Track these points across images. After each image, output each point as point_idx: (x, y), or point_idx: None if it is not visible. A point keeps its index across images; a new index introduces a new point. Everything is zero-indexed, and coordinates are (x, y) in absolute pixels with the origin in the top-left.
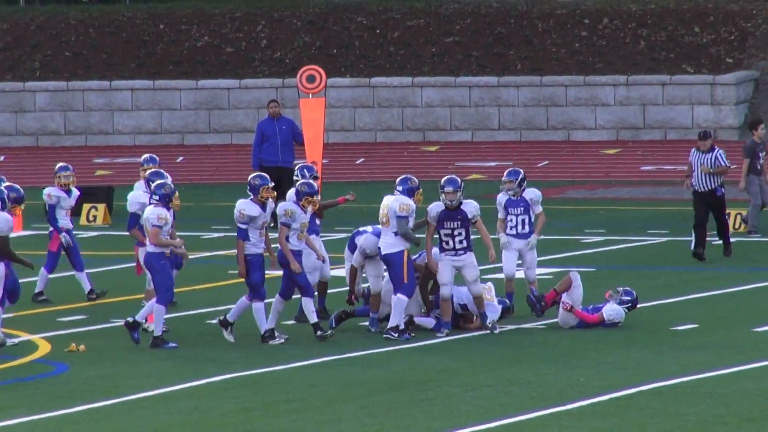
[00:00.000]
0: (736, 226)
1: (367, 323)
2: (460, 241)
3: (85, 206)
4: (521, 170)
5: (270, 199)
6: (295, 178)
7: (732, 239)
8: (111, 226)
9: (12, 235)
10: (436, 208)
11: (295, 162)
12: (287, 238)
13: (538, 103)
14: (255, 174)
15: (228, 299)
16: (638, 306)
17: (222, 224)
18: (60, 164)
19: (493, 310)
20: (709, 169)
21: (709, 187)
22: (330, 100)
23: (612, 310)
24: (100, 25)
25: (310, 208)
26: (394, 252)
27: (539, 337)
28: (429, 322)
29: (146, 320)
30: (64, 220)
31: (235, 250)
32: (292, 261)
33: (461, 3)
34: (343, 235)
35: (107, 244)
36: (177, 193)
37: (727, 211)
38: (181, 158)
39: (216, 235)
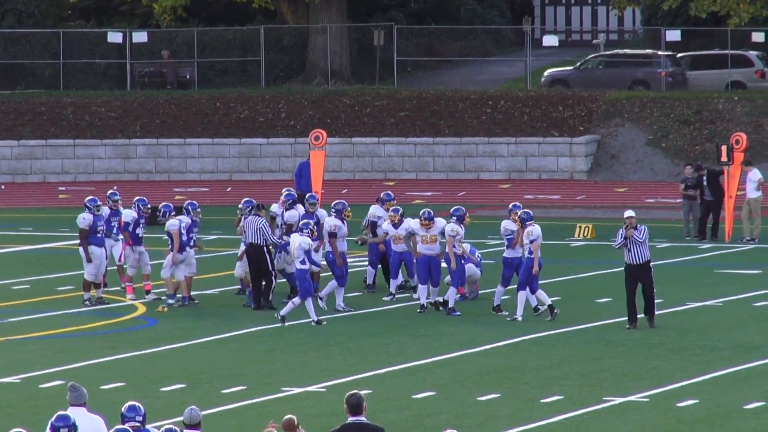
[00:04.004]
0: (586, 234)
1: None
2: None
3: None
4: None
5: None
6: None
7: (579, 243)
8: None
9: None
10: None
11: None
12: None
13: (458, 154)
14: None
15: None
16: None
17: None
18: (339, 200)
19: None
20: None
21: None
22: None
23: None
24: (179, 103)
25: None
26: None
27: (458, 305)
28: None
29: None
30: (341, 244)
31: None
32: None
33: (410, 90)
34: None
35: None
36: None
37: (579, 225)
38: (229, 189)
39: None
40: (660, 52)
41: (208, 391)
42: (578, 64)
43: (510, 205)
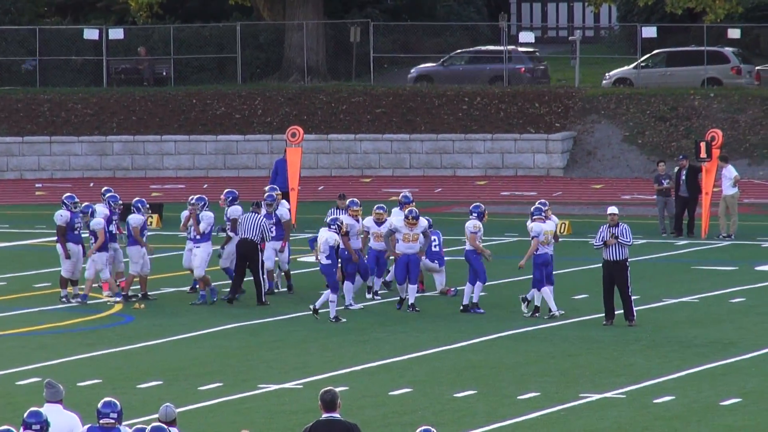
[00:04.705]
0: (562, 231)
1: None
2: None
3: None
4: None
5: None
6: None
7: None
8: (161, 228)
9: None
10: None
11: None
12: None
13: (435, 151)
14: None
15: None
16: (497, 282)
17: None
18: (350, 199)
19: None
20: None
21: None
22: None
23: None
24: (155, 100)
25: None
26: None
27: (435, 302)
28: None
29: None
30: (355, 242)
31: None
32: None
33: (386, 86)
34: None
35: (159, 239)
36: None
37: (562, 222)
38: (206, 185)
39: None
40: (520, 49)
41: (185, 388)
42: (442, 60)
43: (536, 203)
